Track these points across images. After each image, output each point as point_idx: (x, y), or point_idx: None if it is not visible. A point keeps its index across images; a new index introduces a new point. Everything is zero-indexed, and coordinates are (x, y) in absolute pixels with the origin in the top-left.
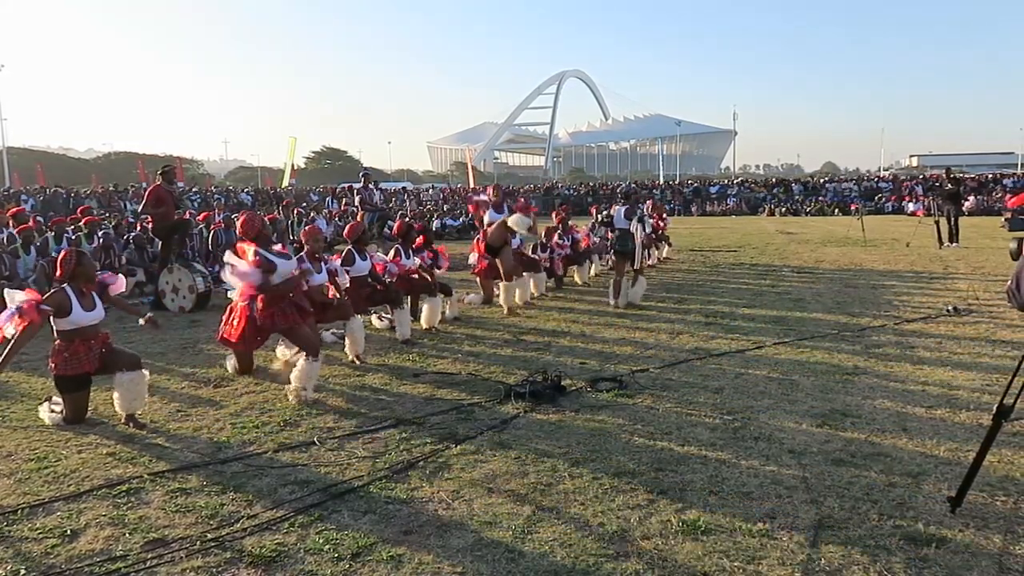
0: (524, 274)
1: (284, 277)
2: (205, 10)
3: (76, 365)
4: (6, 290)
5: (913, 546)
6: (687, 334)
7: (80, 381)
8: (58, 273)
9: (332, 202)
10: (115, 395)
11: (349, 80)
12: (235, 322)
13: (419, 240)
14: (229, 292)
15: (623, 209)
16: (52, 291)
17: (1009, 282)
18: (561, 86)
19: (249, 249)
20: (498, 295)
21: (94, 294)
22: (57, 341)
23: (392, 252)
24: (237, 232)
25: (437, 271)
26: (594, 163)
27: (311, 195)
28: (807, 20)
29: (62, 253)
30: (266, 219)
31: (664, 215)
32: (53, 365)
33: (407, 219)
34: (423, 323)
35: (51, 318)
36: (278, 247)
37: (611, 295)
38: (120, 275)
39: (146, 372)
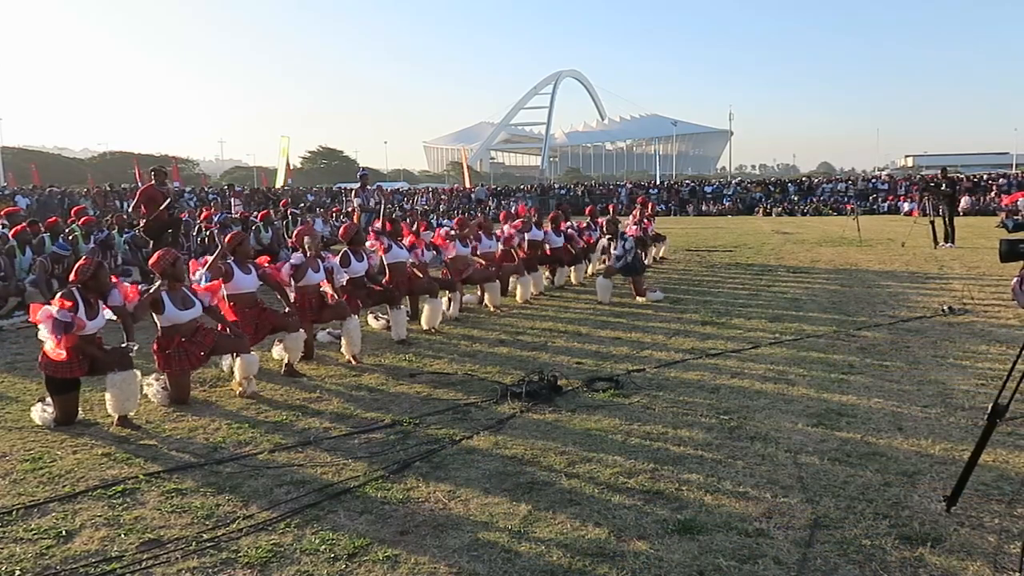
0: (526, 273)
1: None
2: (202, 10)
3: (66, 369)
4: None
5: (908, 545)
6: (683, 334)
7: (70, 384)
8: (72, 277)
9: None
10: (107, 396)
11: (346, 80)
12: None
13: (410, 240)
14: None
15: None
16: (62, 293)
17: (1015, 280)
18: (557, 86)
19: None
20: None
21: (100, 303)
22: None
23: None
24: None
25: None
26: (590, 163)
27: (307, 195)
28: (804, 20)
29: (82, 260)
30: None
31: (650, 213)
32: (43, 365)
33: (393, 214)
34: (424, 324)
35: None
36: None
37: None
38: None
39: (138, 372)
